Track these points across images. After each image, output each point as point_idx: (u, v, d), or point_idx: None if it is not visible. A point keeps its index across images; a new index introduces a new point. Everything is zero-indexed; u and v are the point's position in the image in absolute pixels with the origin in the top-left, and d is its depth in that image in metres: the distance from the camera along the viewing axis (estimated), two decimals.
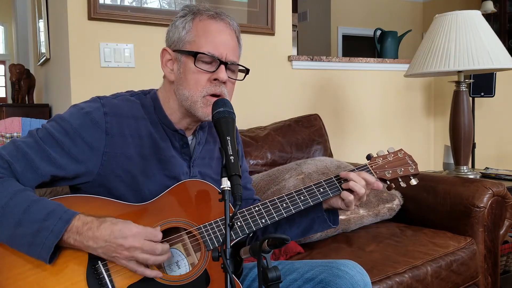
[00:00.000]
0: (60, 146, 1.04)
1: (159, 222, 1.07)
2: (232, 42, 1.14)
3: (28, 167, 1.01)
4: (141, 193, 1.11)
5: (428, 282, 1.60)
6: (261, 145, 2.16)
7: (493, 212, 1.84)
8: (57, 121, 1.08)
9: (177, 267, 1.08)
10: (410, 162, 1.31)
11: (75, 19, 2.08)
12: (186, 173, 1.18)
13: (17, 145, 1.03)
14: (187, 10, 1.15)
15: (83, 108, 1.09)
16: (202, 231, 1.09)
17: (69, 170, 1.05)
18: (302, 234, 1.31)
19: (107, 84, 2.15)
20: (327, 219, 1.25)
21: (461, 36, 2.11)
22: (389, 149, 1.33)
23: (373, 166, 1.28)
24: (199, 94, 1.10)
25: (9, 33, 9.37)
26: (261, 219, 1.14)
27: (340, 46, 6.98)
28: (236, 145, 1.34)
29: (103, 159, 1.07)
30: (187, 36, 1.12)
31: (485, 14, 4.20)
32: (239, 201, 0.87)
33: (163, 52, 1.17)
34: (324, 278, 1.13)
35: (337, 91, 2.91)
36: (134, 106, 1.14)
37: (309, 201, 1.18)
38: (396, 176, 1.28)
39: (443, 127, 3.34)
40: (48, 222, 0.94)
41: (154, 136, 1.14)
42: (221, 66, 1.10)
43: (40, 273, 0.96)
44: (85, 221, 0.97)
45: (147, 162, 1.12)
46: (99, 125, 1.07)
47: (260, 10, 2.53)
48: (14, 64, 3.56)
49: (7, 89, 8.78)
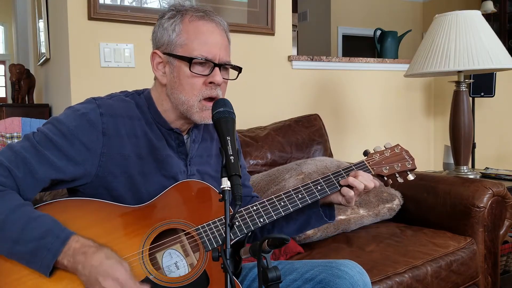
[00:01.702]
0: (57, 148, 1.03)
1: (157, 224, 1.07)
2: (223, 42, 1.12)
3: (28, 172, 1.00)
4: (139, 193, 1.10)
5: (428, 282, 1.60)
6: (261, 145, 2.16)
7: (493, 212, 1.84)
8: (53, 124, 1.06)
9: (176, 268, 1.07)
10: (407, 157, 1.30)
11: (75, 19, 2.08)
12: (183, 172, 1.17)
13: (15, 150, 1.01)
14: (174, 11, 1.12)
15: (78, 109, 1.08)
16: (201, 231, 1.09)
17: (68, 172, 1.04)
18: (299, 230, 1.31)
19: (107, 84, 2.15)
20: (323, 214, 1.25)
21: (461, 36, 2.11)
22: (386, 144, 1.32)
23: (370, 162, 1.27)
24: (195, 99, 1.10)
25: (9, 33, 9.37)
26: (259, 218, 1.14)
27: (340, 46, 6.98)
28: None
29: (100, 160, 1.07)
30: (178, 39, 1.10)
31: (485, 14, 4.20)
32: (239, 201, 0.86)
33: (153, 55, 1.16)
34: (324, 278, 1.13)
35: (337, 91, 2.91)
36: (129, 106, 1.14)
37: (307, 199, 1.18)
38: (393, 171, 1.27)
39: (443, 127, 3.33)
40: (45, 240, 0.93)
41: (149, 136, 1.13)
42: (215, 69, 1.09)
43: (38, 279, 0.95)
44: (83, 244, 0.95)
45: (144, 162, 1.12)
46: (95, 126, 1.06)
47: (260, 10, 2.53)
48: (14, 64, 3.56)
49: (7, 89, 8.77)
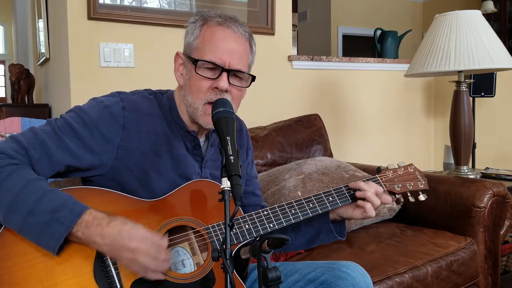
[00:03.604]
0: (77, 136, 1.05)
1: (167, 219, 1.07)
2: (238, 49, 1.12)
3: (44, 154, 1.02)
4: (151, 190, 1.11)
5: (428, 282, 1.60)
6: (261, 145, 2.16)
7: (493, 212, 1.84)
8: (76, 112, 1.09)
9: (182, 266, 1.08)
10: (420, 177, 1.31)
11: (74, 19, 2.08)
12: (197, 174, 1.19)
13: (35, 132, 1.04)
14: (198, 16, 1.15)
15: (102, 101, 1.11)
16: (210, 231, 1.09)
17: (85, 161, 1.06)
18: (309, 244, 1.31)
19: (107, 84, 2.15)
20: (334, 230, 1.25)
21: (461, 36, 2.10)
22: (399, 163, 1.33)
23: (383, 178, 1.28)
24: (200, 102, 1.10)
25: (9, 33, 9.36)
26: (269, 223, 1.14)
27: (340, 46, 6.98)
28: (247, 150, 1.34)
29: (117, 153, 1.09)
30: (195, 42, 1.12)
31: (485, 14, 4.20)
32: (239, 201, 0.87)
33: (176, 56, 1.18)
34: (326, 279, 1.13)
35: (337, 91, 2.91)
36: (152, 104, 1.16)
37: (318, 208, 1.19)
38: (405, 190, 1.28)
39: (443, 127, 3.33)
40: (60, 213, 0.94)
41: (169, 135, 1.15)
42: (222, 74, 1.09)
43: (48, 262, 0.96)
44: (96, 216, 0.96)
45: (160, 159, 1.13)
46: (117, 119, 1.09)
47: (260, 10, 2.53)
48: (14, 64, 3.56)
49: (7, 89, 8.77)
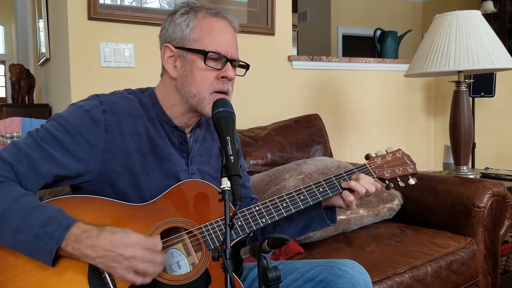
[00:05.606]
0: (61, 144, 1.04)
1: (159, 222, 1.07)
2: (234, 40, 1.17)
3: (30, 168, 1.00)
4: (141, 191, 1.11)
5: (428, 282, 1.60)
6: (261, 145, 2.16)
7: (493, 212, 1.84)
8: (56, 120, 1.07)
9: (177, 267, 1.08)
10: (409, 161, 1.32)
11: (75, 19, 2.08)
12: (184, 170, 1.18)
13: (18, 146, 1.02)
14: (188, 7, 1.15)
15: (82, 106, 1.09)
16: (203, 230, 1.09)
17: (71, 168, 1.05)
18: (301, 233, 1.31)
19: (107, 84, 2.15)
20: (325, 216, 1.26)
21: (461, 36, 2.11)
22: (387, 149, 1.34)
23: (371, 165, 1.28)
24: (207, 92, 1.12)
25: (9, 33, 9.36)
26: (262, 218, 1.14)
27: (340, 46, 6.98)
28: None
29: (103, 157, 1.07)
30: (192, 34, 1.12)
31: (485, 14, 4.20)
32: (239, 201, 0.87)
33: (164, 48, 1.17)
34: (325, 277, 1.13)
35: (337, 91, 2.91)
36: (132, 104, 1.14)
37: (309, 200, 1.19)
38: (394, 175, 1.29)
39: (443, 127, 3.33)
40: (48, 227, 0.93)
41: (151, 134, 1.14)
42: (227, 64, 1.13)
43: (42, 273, 0.95)
44: (84, 229, 0.95)
45: (146, 160, 1.12)
46: (98, 123, 1.07)
47: (260, 10, 2.53)
48: (14, 64, 3.56)
49: (7, 89, 8.78)
